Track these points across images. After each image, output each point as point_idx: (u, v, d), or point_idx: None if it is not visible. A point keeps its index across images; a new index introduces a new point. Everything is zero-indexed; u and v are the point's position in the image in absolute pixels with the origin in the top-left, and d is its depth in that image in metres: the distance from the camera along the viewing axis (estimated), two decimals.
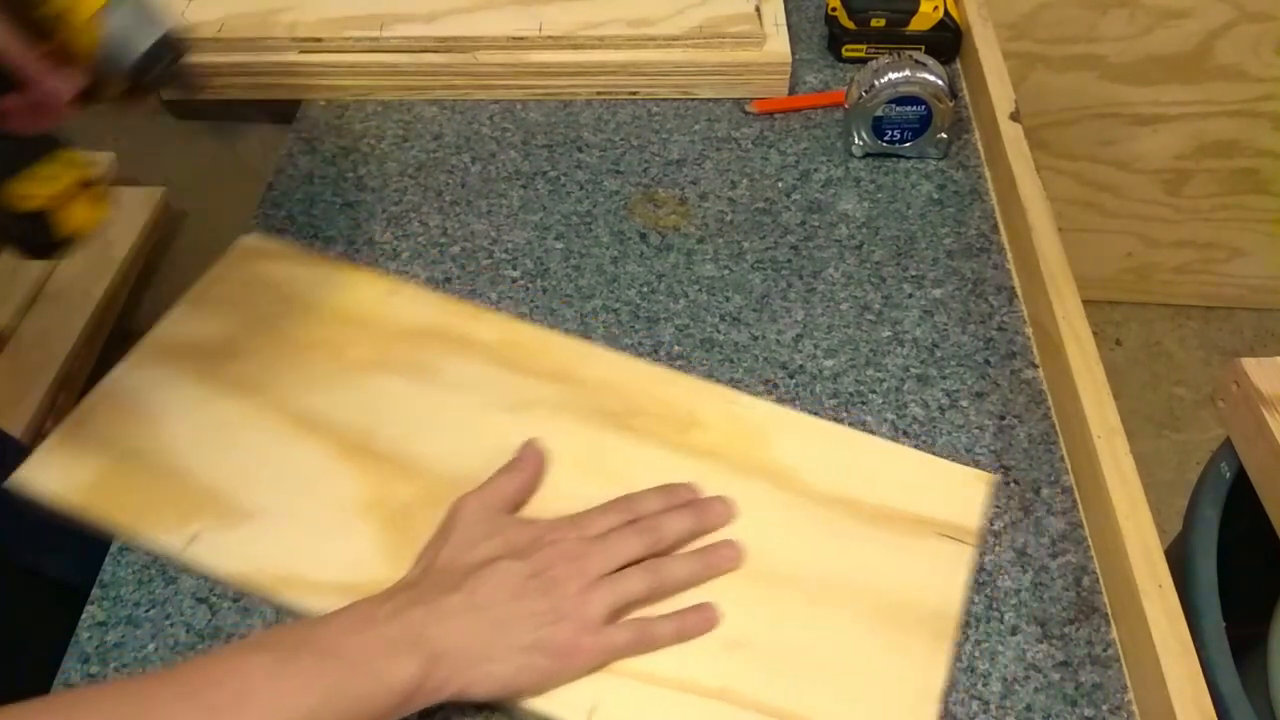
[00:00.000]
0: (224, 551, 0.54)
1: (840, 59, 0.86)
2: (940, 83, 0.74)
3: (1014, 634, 0.54)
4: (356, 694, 0.44)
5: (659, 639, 0.51)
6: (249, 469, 0.57)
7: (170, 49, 0.51)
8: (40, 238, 0.50)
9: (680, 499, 0.56)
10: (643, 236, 0.73)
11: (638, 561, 0.52)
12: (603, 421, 0.60)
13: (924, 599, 0.53)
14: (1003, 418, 0.63)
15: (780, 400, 0.63)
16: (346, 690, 0.44)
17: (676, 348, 0.66)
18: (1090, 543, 0.57)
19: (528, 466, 0.57)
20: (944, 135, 0.77)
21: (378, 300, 0.67)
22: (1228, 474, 0.66)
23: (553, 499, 0.56)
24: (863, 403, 0.63)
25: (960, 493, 0.58)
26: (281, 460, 0.58)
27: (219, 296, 0.67)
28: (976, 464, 0.60)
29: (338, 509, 0.56)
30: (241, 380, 0.62)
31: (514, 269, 0.71)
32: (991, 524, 0.58)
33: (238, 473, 0.57)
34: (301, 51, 0.81)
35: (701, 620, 0.52)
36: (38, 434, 1.08)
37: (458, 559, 0.51)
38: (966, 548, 0.55)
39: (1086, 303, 0.64)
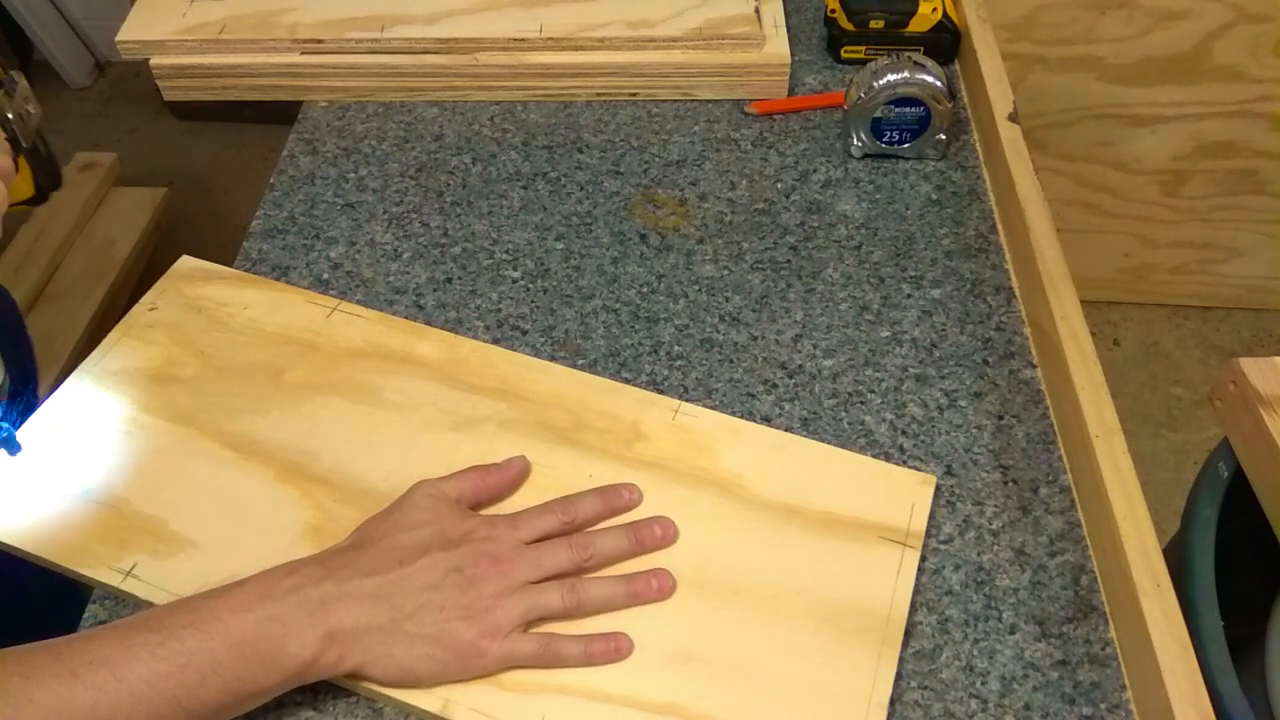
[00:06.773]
0: (163, 582, 0.53)
1: (839, 60, 0.86)
2: (939, 84, 0.74)
3: (1012, 633, 0.54)
4: (238, 673, 0.45)
5: (564, 658, 0.50)
6: (187, 496, 0.56)
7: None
8: None
9: (620, 502, 0.56)
10: (643, 237, 0.73)
11: (566, 574, 0.53)
12: (548, 437, 0.59)
13: (870, 605, 0.53)
14: (1001, 417, 0.63)
15: (780, 400, 0.64)
16: (227, 670, 0.45)
17: (676, 348, 0.66)
18: (1088, 542, 0.58)
19: (500, 471, 0.57)
20: (942, 136, 0.77)
21: (316, 321, 0.66)
22: (1225, 473, 0.66)
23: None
24: (861, 402, 0.64)
25: (903, 495, 0.57)
26: (220, 486, 0.57)
27: (154, 322, 0.65)
28: (975, 463, 0.61)
29: (279, 534, 0.55)
30: (178, 406, 0.61)
31: (514, 269, 0.71)
32: (990, 523, 0.58)
33: (175, 501, 0.56)
34: (303, 53, 0.81)
35: (609, 650, 0.51)
36: None
37: (389, 538, 0.51)
38: (910, 551, 0.55)
39: (1084, 303, 0.65)
